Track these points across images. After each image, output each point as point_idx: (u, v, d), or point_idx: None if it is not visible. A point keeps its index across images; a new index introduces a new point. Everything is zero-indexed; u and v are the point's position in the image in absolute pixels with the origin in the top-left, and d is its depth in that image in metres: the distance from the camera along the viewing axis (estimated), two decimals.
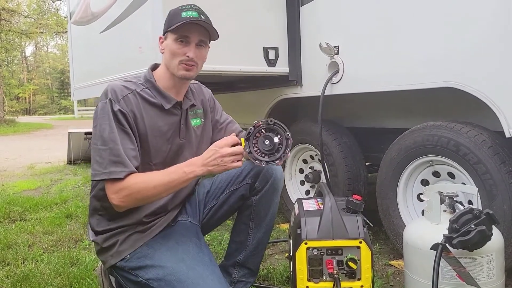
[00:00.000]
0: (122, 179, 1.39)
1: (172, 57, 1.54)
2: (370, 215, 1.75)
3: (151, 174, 1.44)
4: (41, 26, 23.07)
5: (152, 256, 1.50)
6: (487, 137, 1.88)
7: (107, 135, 1.43)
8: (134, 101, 1.51)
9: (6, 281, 2.11)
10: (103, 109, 1.46)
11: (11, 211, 3.51)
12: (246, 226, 1.71)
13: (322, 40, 2.44)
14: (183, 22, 1.49)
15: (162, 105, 1.56)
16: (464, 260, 1.46)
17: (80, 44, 4.01)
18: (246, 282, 1.75)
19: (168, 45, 1.55)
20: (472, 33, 1.86)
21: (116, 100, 1.47)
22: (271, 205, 1.70)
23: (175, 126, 1.61)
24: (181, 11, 1.53)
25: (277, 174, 1.68)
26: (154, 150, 1.55)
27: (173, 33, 1.53)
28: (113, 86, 1.51)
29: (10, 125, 19.10)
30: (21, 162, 7.33)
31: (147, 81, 1.58)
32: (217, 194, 1.74)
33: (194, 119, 1.69)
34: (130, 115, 1.48)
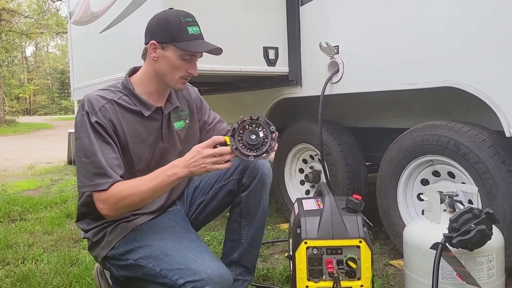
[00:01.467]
0: (107, 189, 1.39)
1: (173, 71, 1.52)
2: (370, 215, 1.75)
3: (135, 180, 1.43)
4: (41, 27, 23.10)
5: (140, 239, 1.52)
6: (487, 137, 1.88)
7: (88, 147, 1.43)
8: (111, 110, 1.48)
9: (6, 280, 2.11)
10: (81, 121, 1.45)
11: (11, 211, 3.51)
12: (238, 224, 1.71)
13: (322, 39, 2.44)
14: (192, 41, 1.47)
15: (142, 112, 1.54)
16: (464, 259, 1.45)
17: (80, 44, 4.01)
18: (244, 281, 1.74)
19: (170, 58, 1.50)
20: (472, 32, 1.86)
21: (93, 112, 1.45)
22: (261, 200, 1.69)
23: (156, 131, 1.59)
24: (186, 24, 1.49)
25: (264, 169, 1.67)
26: (136, 157, 1.55)
27: (179, 50, 1.48)
28: (89, 97, 1.49)
29: (10, 125, 19.12)
30: (21, 162, 7.33)
31: (125, 88, 1.55)
32: (206, 189, 1.74)
33: (178, 121, 1.68)
34: (108, 125, 1.46)
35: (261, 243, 1.81)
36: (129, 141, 1.52)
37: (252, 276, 1.79)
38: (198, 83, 3.25)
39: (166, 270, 1.40)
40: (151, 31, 1.53)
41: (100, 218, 1.57)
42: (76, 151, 1.46)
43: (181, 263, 1.39)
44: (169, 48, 1.50)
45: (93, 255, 1.63)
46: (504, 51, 1.76)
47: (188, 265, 1.38)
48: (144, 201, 1.45)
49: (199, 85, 3.27)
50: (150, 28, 1.53)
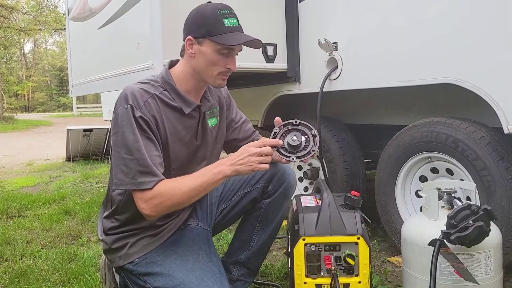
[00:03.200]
0: (151, 188, 1.36)
1: (211, 67, 1.45)
2: (369, 212, 1.75)
3: (180, 179, 1.39)
4: (39, 23, 23.01)
5: (162, 263, 1.48)
6: (486, 133, 1.88)
7: (132, 143, 1.37)
8: (154, 105, 1.43)
9: (4, 277, 2.11)
10: (125, 115, 1.39)
11: (9, 207, 3.51)
12: (252, 226, 1.71)
13: (320, 36, 2.44)
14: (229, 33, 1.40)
15: (182, 109, 1.49)
16: (462, 256, 1.45)
17: (78, 41, 4.00)
18: (245, 282, 1.75)
19: (206, 53, 1.43)
20: (471, 29, 1.85)
21: (138, 106, 1.40)
22: (281, 209, 1.69)
23: (193, 129, 1.55)
24: (222, 17, 1.41)
25: (290, 180, 1.67)
26: (173, 155, 1.51)
27: (216, 43, 1.41)
28: (132, 90, 1.43)
29: (9, 122, 19.08)
30: (19, 159, 7.32)
31: (166, 83, 1.49)
32: (229, 196, 1.73)
33: (211, 118, 1.63)
34: (152, 121, 1.42)
35: (269, 249, 1.81)
36: (169, 139, 1.48)
37: (254, 278, 1.80)
38: None
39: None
40: (187, 27, 1.47)
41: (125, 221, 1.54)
42: (115, 145, 1.41)
43: None
44: (205, 43, 1.43)
45: (108, 258, 1.60)
46: (503, 47, 1.75)
47: None
48: (188, 201, 1.41)
49: None
50: (187, 24, 1.47)
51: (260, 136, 1.87)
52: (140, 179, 1.36)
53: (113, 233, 1.55)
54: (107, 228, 1.57)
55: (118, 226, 1.55)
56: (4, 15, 20.49)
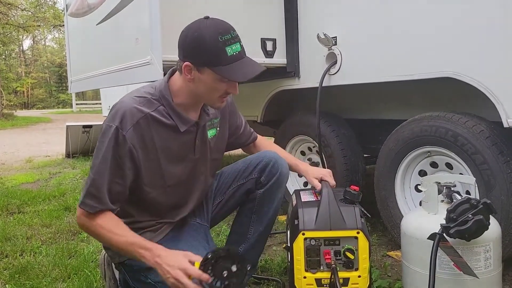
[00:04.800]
0: (93, 213, 1.37)
1: (210, 93, 1.41)
2: (368, 207, 1.75)
3: (116, 228, 1.36)
4: (38, 20, 22.93)
5: None
6: (485, 127, 1.87)
7: (97, 164, 1.37)
8: (144, 125, 1.40)
9: (4, 272, 2.11)
10: (107, 134, 1.36)
11: (9, 203, 3.51)
12: (248, 219, 1.70)
13: (320, 30, 2.43)
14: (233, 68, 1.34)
15: (177, 126, 1.45)
16: (461, 249, 1.46)
17: (77, 36, 3.98)
18: None
19: (206, 81, 1.38)
20: (470, 22, 1.85)
21: (124, 128, 1.36)
22: (275, 199, 1.69)
23: (189, 144, 1.53)
24: (224, 45, 1.33)
25: (283, 170, 1.66)
26: (168, 173, 1.49)
27: (218, 74, 1.35)
28: (125, 107, 1.38)
29: (8, 119, 19.04)
30: (19, 156, 7.32)
31: (163, 98, 1.44)
32: (223, 189, 1.73)
33: (210, 130, 1.61)
34: (135, 147, 1.38)
35: (266, 240, 1.81)
36: (160, 157, 1.46)
37: (254, 271, 1.80)
38: None
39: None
40: (185, 49, 1.38)
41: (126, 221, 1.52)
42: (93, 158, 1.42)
43: None
44: (205, 72, 1.36)
45: (109, 254, 1.61)
46: (503, 41, 1.75)
47: None
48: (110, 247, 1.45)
49: None
50: (184, 45, 1.38)
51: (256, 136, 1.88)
52: (87, 200, 1.37)
53: None
54: None
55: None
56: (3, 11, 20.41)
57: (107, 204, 1.38)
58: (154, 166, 1.45)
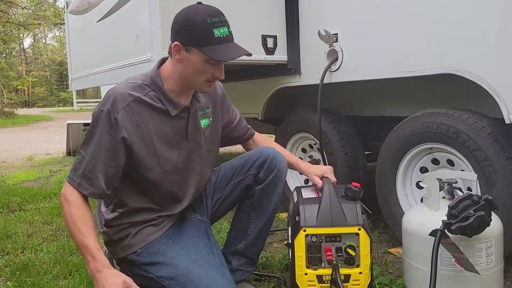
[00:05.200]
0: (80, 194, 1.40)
1: (198, 75, 1.44)
2: (369, 204, 1.75)
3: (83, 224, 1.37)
4: (39, 18, 22.93)
5: (164, 253, 1.50)
6: (487, 124, 1.87)
7: (92, 147, 1.40)
8: (137, 109, 1.43)
9: (6, 269, 2.12)
10: (99, 116, 1.40)
11: (10, 201, 3.51)
12: (247, 215, 1.70)
13: (320, 27, 2.42)
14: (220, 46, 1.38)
15: (168, 110, 1.48)
16: (462, 246, 1.46)
17: (77, 34, 3.98)
18: (245, 271, 1.75)
19: (193, 62, 1.41)
20: (472, 18, 1.84)
21: (115, 111, 1.39)
22: (274, 195, 1.68)
23: (182, 130, 1.54)
24: (212, 26, 1.38)
25: (281, 165, 1.66)
26: (163, 158, 1.51)
27: (205, 54, 1.39)
28: (117, 92, 1.42)
29: (9, 117, 19.05)
30: (20, 154, 7.32)
31: (154, 83, 1.48)
32: (222, 185, 1.73)
33: (203, 119, 1.63)
34: (127, 129, 1.41)
35: (267, 237, 1.81)
36: (155, 141, 1.48)
37: (254, 267, 1.80)
38: None
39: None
40: (175, 30, 1.43)
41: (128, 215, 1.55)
42: (84, 141, 1.43)
43: None
44: (193, 52, 1.41)
45: (109, 250, 1.62)
46: (504, 37, 1.74)
47: None
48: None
49: None
50: (175, 27, 1.43)
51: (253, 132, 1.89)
52: (81, 180, 1.39)
53: (115, 224, 1.56)
54: (109, 220, 1.58)
55: (119, 217, 1.56)
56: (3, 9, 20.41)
57: (101, 188, 1.40)
58: (150, 149, 1.48)
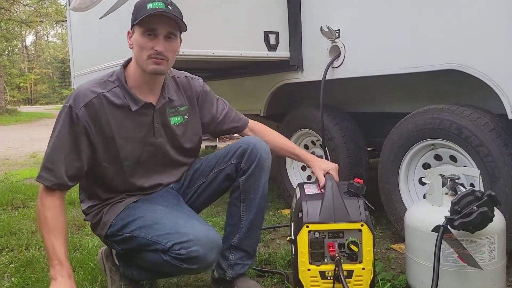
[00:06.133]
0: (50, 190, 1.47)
1: (141, 52, 1.51)
2: (372, 201, 1.75)
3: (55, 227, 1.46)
4: (40, 15, 22.95)
5: (133, 213, 1.58)
6: (490, 120, 1.86)
7: (54, 140, 1.48)
8: (98, 105, 1.51)
9: (10, 266, 2.13)
10: (62, 112, 1.50)
11: (14, 198, 3.53)
12: (237, 208, 1.71)
13: (323, 23, 2.42)
14: (148, 15, 1.45)
15: (129, 106, 1.55)
16: (465, 241, 1.46)
17: (79, 31, 3.98)
18: (244, 265, 1.73)
19: (136, 39, 1.52)
20: (475, 13, 1.83)
21: (77, 107, 1.48)
22: (259, 185, 1.67)
23: (147, 126, 1.60)
24: (147, 2, 1.49)
25: (262, 154, 1.65)
26: (124, 152, 1.58)
27: (139, 26, 1.49)
28: (79, 90, 1.52)
29: (12, 114, 19.14)
30: (23, 151, 7.35)
31: (118, 79, 1.57)
32: (205, 172, 1.75)
33: (175, 117, 1.68)
34: (89, 123, 1.49)
35: (261, 228, 1.81)
36: (115, 136, 1.54)
37: (252, 260, 1.79)
38: (199, 70, 3.24)
39: (156, 236, 1.47)
40: None
41: (94, 198, 1.66)
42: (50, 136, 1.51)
43: (170, 229, 1.45)
44: (134, 31, 1.53)
45: (96, 234, 1.72)
46: (507, 32, 1.73)
47: (177, 229, 1.45)
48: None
49: (199, 71, 3.26)
50: None
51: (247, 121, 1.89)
52: (42, 172, 1.47)
53: (90, 211, 1.67)
54: (85, 209, 1.69)
55: (92, 205, 1.66)
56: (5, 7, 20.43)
57: (62, 178, 1.47)
58: (110, 144, 1.55)
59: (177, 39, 1.57)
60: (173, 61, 1.59)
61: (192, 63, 2.73)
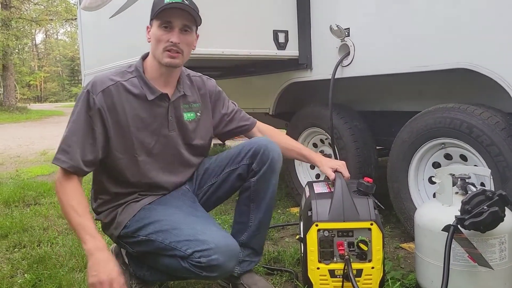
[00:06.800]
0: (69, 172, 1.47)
1: (157, 44, 1.55)
2: (381, 199, 1.75)
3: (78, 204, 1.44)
4: (50, 13, 23.11)
5: (149, 216, 1.58)
6: (501, 119, 1.85)
7: (71, 124, 1.50)
8: (115, 92, 1.54)
9: (23, 262, 2.16)
10: (80, 97, 1.53)
11: (25, 195, 3.57)
12: (247, 207, 1.72)
13: (332, 22, 2.41)
14: (164, 7, 1.50)
15: (146, 95, 1.57)
16: (476, 241, 1.45)
17: (90, 30, 4.01)
18: (251, 262, 1.76)
19: (153, 32, 1.56)
20: (485, 12, 1.82)
21: (94, 92, 1.51)
22: (270, 185, 1.68)
23: (161, 117, 1.62)
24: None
25: (274, 155, 1.66)
26: (137, 141, 1.59)
27: (156, 19, 1.53)
28: (97, 77, 1.56)
29: (22, 112, 19.31)
30: (34, 148, 7.43)
31: (136, 70, 1.61)
32: (217, 172, 1.75)
33: (188, 112, 1.70)
34: (105, 109, 1.51)
35: (268, 226, 1.83)
36: (130, 124, 1.57)
37: (259, 257, 1.81)
38: (208, 68, 3.25)
39: (175, 242, 1.46)
40: None
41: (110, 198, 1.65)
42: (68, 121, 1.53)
43: (189, 235, 1.45)
44: (152, 24, 1.58)
45: (107, 234, 1.71)
46: None
47: (196, 236, 1.44)
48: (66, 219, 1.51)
49: (209, 70, 3.27)
50: None
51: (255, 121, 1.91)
52: (59, 155, 1.48)
53: (102, 210, 1.67)
54: (96, 207, 1.69)
55: (104, 203, 1.67)
56: (16, 5, 20.61)
57: (78, 161, 1.47)
58: (124, 131, 1.56)
59: (192, 33, 1.60)
60: (188, 54, 1.62)
61: (202, 62, 2.74)
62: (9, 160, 6.16)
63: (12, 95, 20.49)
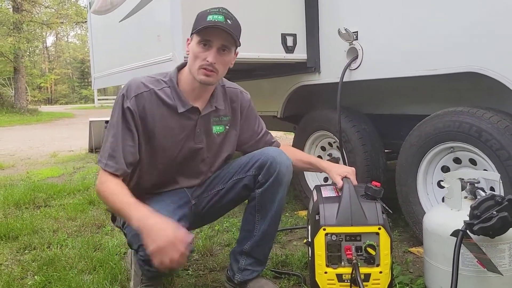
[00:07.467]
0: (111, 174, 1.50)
1: (194, 60, 1.56)
2: (389, 203, 1.74)
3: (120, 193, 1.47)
4: (61, 17, 23.35)
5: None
6: (511, 123, 1.84)
7: (111, 128, 1.54)
8: (148, 99, 1.57)
9: (33, 264, 2.19)
10: (117, 102, 1.57)
11: (36, 197, 3.61)
12: (253, 216, 1.72)
13: (340, 25, 2.41)
14: (205, 26, 1.50)
15: (177, 107, 1.59)
16: (485, 246, 1.44)
17: (100, 34, 4.05)
18: (253, 271, 1.75)
19: (192, 47, 1.57)
20: (495, 15, 1.81)
21: (128, 97, 1.55)
22: (276, 198, 1.66)
23: (189, 130, 1.64)
24: (208, 14, 1.53)
25: (281, 169, 1.62)
26: (161, 149, 1.61)
27: (197, 35, 1.54)
28: (132, 81, 1.59)
29: (33, 114, 19.51)
30: (44, 150, 7.50)
31: (170, 81, 1.62)
32: (225, 179, 1.75)
33: (217, 125, 1.71)
34: (137, 113, 1.54)
35: (274, 238, 1.82)
36: (156, 132, 1.59)
37: (262, 267, 1.80)
38: None
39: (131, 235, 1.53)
40: None
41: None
42: (108, 125, 1.59)
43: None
44: (192, 39, 1.59)
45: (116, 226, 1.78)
46: None
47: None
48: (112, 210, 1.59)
49: None
50: None
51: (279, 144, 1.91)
52: (108, 161, 1.51)
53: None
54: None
55: None
56: (27, 8, 20.85)
57: (123, 164, 1.52)
58: (150, 138, 1.59)
59: (230, 53, 1.59)
60: (223, 73, 1.62)
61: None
62: (20, 162, 6.23)
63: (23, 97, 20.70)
